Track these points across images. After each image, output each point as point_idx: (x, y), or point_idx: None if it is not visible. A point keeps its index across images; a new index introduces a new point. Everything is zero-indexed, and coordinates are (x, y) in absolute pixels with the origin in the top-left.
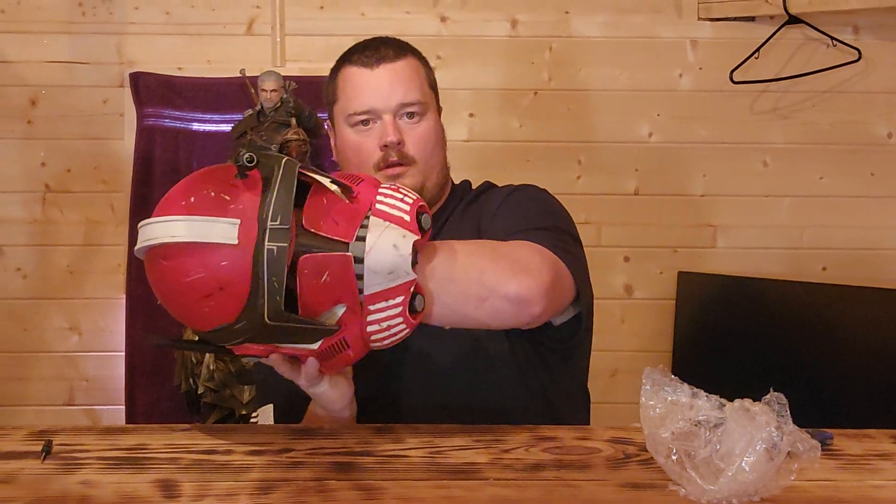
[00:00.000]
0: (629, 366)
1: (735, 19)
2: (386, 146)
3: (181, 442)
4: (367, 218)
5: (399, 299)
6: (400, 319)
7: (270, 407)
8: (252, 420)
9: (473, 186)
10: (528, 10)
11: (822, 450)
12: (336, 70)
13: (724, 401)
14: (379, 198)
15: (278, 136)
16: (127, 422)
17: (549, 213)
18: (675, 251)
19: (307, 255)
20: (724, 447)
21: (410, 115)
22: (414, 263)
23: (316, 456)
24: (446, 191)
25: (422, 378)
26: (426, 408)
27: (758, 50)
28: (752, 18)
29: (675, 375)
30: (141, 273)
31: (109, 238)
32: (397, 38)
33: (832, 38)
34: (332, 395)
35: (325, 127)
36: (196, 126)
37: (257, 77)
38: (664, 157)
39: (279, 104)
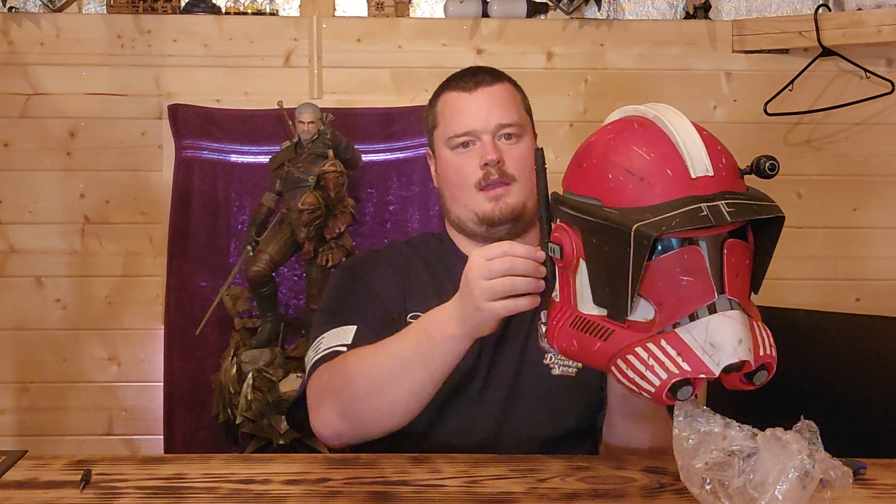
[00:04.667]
0: None
1: (769, 52)
2: (486, 165)
3: (219, 471)
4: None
5: (682, 363)
6: (661, 374)
7: (353, 328)
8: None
9: None
10: (563, 43)
11: (856, 479)
12: (435, 98)
13: (756, 430)
14: None
15: (315, 168)
16: (165, 451)
17: None
18: None
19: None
20: (758, 476)
21: (508, 136)
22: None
23: (353, 485)
24: None
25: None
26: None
27: (792, 82)
28: (786, 51)
29: (707, 406)
30: (179, 303)
31: (148, 269)
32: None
33: (865, 70)
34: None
35: (426, 154)
36: (234, 158)
37: (294, 109)
38: None
39: (316, 136)
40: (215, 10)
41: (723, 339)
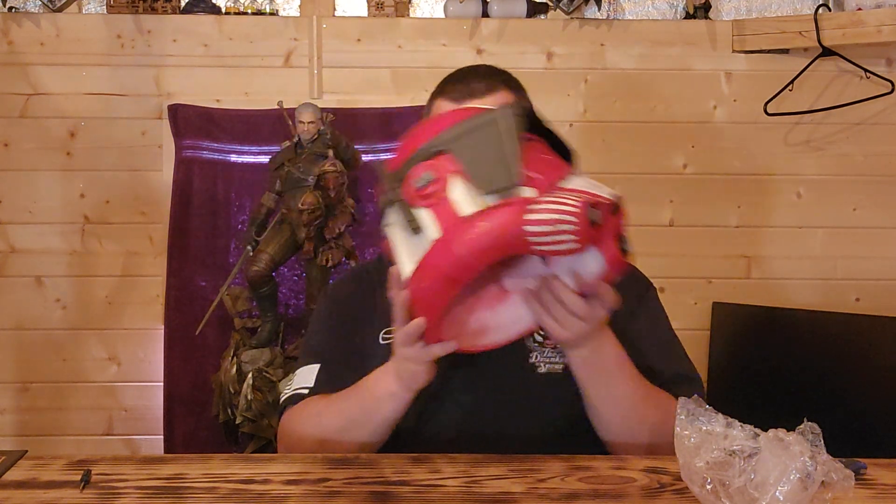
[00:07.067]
0: None
1: (769, 52)
2: None
3: (219, 471)
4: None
5: (578, 198)
6: (574, 208)
7: (317, 367)
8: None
9: None
10: (563, 43)
11: (856, 479)
12: (431, 100)
13: (758, 430)
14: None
15: (315, 168)
16: (165, 451)
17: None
18: (709, 282)
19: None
20: (759, 476)
21: None
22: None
23: (353, 485)
24: None
25: (477, 407)
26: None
27: (792, 82)
28: (786, 51)
29: (709, 405)
30: (179, 303)
31: (148, 269)
32: (494, 66)
33: (865, 70)
34: (419, 367)
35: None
36: (234, 158)
37: (294, 109)
38: (699, 189)
39: (316, 136)
40: (215, 10)
41: (600, 189)
